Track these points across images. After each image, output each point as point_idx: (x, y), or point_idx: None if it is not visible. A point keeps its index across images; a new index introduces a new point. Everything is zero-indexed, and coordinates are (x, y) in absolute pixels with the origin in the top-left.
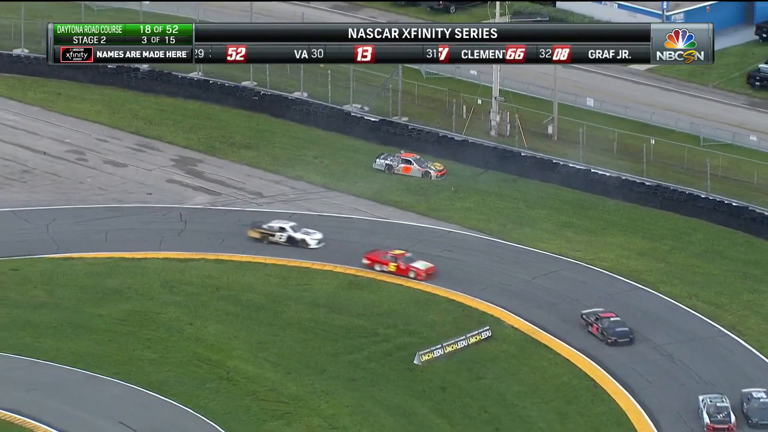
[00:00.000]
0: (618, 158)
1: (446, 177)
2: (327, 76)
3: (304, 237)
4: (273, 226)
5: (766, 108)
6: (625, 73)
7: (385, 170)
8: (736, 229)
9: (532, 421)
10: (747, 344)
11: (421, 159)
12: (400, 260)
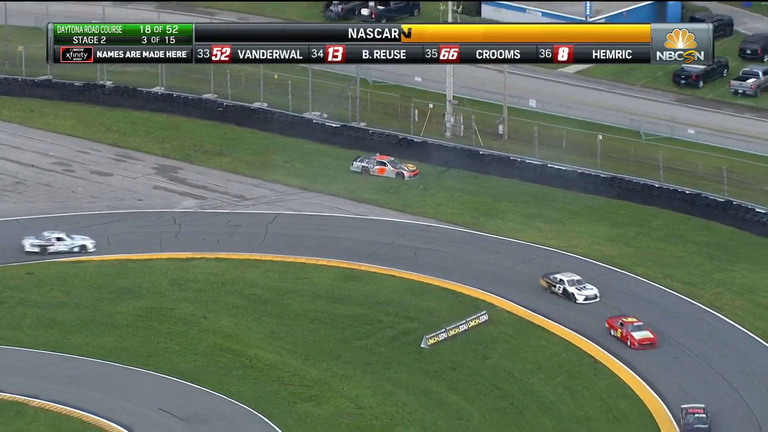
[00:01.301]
0: (568, 153)
1: (416, 177)
2: (287, 86)
3: (574, 291)
4: (556, 277)
5: (695, 104)
6: (557, 75)
7: (361, 172)
8: (693, 215)
9: (542, 395)
10: (727, 319)
11: (395, 161)
12: (625, 327)
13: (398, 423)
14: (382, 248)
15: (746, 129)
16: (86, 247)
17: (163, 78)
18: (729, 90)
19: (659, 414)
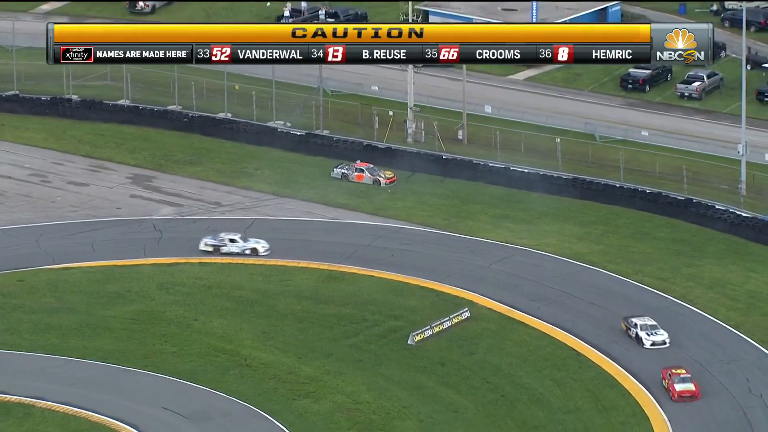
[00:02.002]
0: (528, 157)
1: (393, 184)
2: (248, 96)
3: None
4: (631, 321)
5: (643, 107)
6: (507, 82)
7: (341, 178)
8: (655, 213)
9: (532, 388)
10: (701, 311)
11: (373, 168)
12: (672, 378)
13: (395, 417)
14: (359, 250)
15: (697, 130)
16: (257, 250)
17: (129, 91)
18: (675, 93)
19: (645, 402)
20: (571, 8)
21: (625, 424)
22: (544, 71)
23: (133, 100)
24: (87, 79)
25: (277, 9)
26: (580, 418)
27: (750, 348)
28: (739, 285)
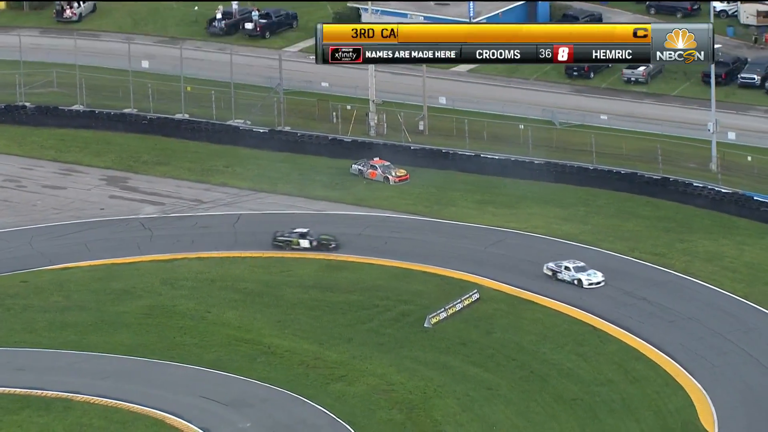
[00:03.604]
0: (493, 144)
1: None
2: (204, 97)
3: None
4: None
5: (591, 93)
6: (452, 74)
7: (358, 174)
8: (633, 192)
9: (558, 363)
10: (706, 284)
11: (387, 166)
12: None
13: (432, 396)
14: (352, 239)
15: (651, 113)
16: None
17: (83, 96)
18: (621, 78)
19: (675, 372)
20: (502, 0)
21: (661, 394)
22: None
23: (88, 105)
24: (33, 86)
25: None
26: (614, 390)
27: (764, 316)
28: (736, 257)
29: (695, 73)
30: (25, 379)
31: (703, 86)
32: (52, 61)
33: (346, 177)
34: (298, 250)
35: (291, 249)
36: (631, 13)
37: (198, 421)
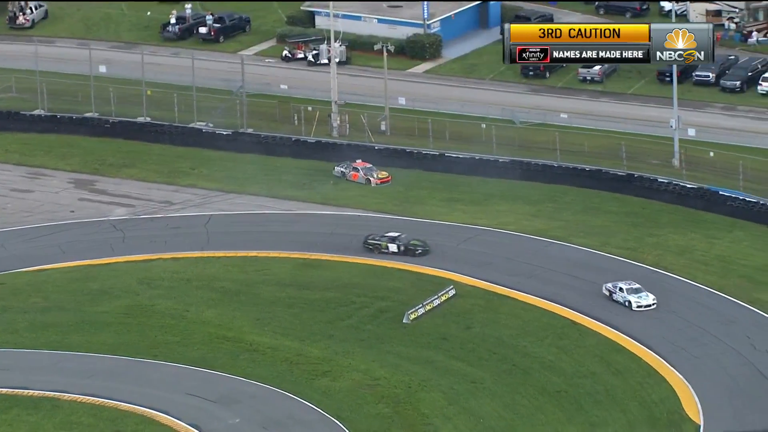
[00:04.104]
0: (456, 143)
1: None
2: (164, 100)
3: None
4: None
5: (548, 93)
6: (408, 75)
7: (341, 176)
8: (599, 189)
9: (540, 356)
10: (680, 277)
11: (369, 168)
12: None
13: (418, 390)
14: (324, 238)
15: (609, 111)
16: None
17: (44, 101)
18: (577, 77)
19: (656, 364)
20: (454, 2)
21: (644, 385)
22: (439, 64)
23: (49, 109)
24: None
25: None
26: (597, 382)
27: (740, 308)
28: (706, 251)
29: (650, 71)
30: (10, 379)
31: (658, 84)
32: (8, 67)
33: (313, 177)
34: (386, 253)
35: (380, 252)
36: (580, 13)
37: (187, 417)
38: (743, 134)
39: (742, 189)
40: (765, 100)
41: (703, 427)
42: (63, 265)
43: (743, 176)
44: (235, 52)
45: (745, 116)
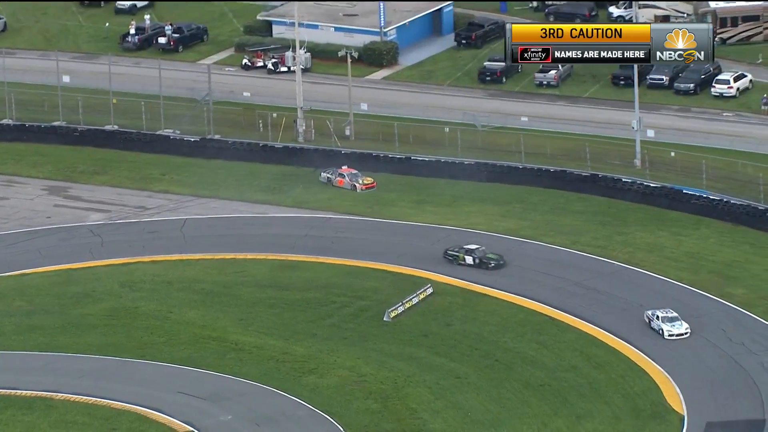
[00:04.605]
0: (420, 147)
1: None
2: (136, 108)
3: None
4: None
5: (506, 97)
6: (366, 82)
7: (327, 182)
8: (564, 189)
9: (521, 351)
10: (652, 273)
11: (354, 174)
12: None
13: (404, 385)
14: (299, 240)
15: (568, 114)
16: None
17: (13, 110)
18: (534, 82)
19: (636, 358)
20: (408, 10)
21: (626, 378)
22: (397, 71)
23: (17, 119)
24: None
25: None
26: (580, 375)
27: (713, 302)
28: (675, 247)
29: (604, 75)
30: (2, 381)
31: (613, 88)
32: None
33: (283, 181)
34: (463, 265)
35: (458, 264)
36: (530, 20)
37: (179, 415)
38: (699, 135)
39: (705, 187)
40: (718, 102)
41: (687, 418)
42: (44, 270)
43: (705, 175)
44: (194, 61)
45: (699, 117)
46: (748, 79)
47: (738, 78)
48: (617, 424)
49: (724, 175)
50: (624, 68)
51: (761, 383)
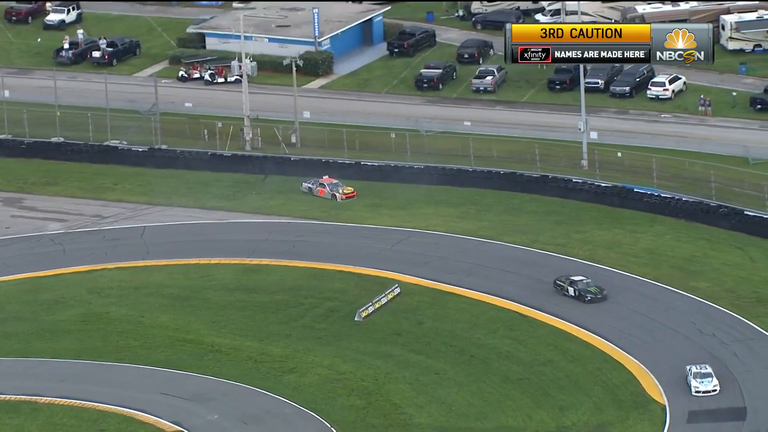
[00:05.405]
0: (368, 152)
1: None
2: (81, 120)
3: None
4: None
5: (443, 103)
6: (303, 91)
7: (308, 192)
8: (515, 191)
9: (496, 347)
10: (615, 269)
11: (335, 184)
12: None
13: (385, 382)
14: (260, 245)
15: (508, 118)
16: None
17: None
18: (471, 88)
19: (609, 350)
20: (340, 21)
21: (603, 370)
22: (333, 80)
23: None
24: None
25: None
26: (557, 369)
27: (679, 296)
28: (633, 244)
29: (538, 81)
30: None
31: (549, 93)
32: None
33: (236, 188)
34: (567, 296)
35: (563, 295)
36: (458, 29)
37: (166, 415)
38: (641, 136)
39: (656, 186)
40: (654, 104)
41: (668, 407)
42: (11, 278)
43: (656, 174)
44: (130, 74)
45: (638, 119)
46: (683, 81)
47: (673, 80)
48: (600, 414)
49: (673, 174)
50: (559, 73)
51: (737, 373)
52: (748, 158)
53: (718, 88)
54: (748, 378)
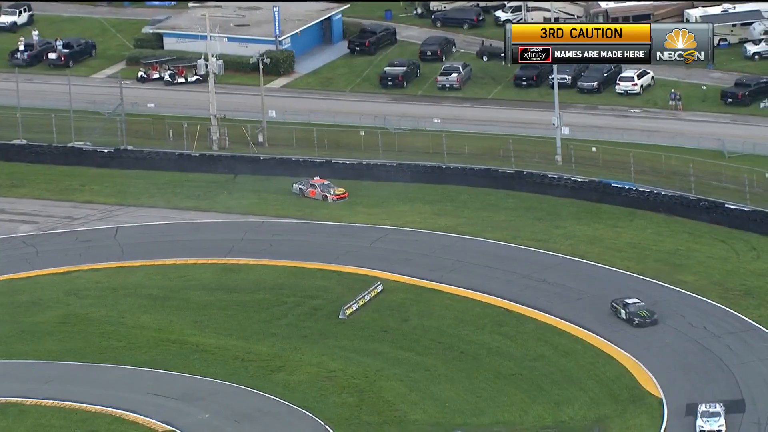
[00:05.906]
0: (338, 151)
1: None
2: (44, 122)
3: None
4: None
5: (409, 101)
6: (267, 90)
7: (299, 193)
8: (491, 187)
9: (485, 343)
10: (599, 264)
11: (325, 185)
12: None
13: (376, 379)
14: (237, 244)
15: (476, 115)
16: None
17: None
18: (437, 85)
19: (600, 344)
20: (299, 19)
21: (595, 364)
22: (295, 78)
23: None
24: None
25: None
26: (549, 363)
27: (667, 290)
28: (615, 239)
29: (504, 77)
30: None
31: (516, 89)
32: None
33: (206, 188)
34: (620, 318)
35: (617, 317)
36: (417, 27)
37: (156, 415)
38: (613, 131)
39: (633, 180)
40: (623, 99)
41: (665, 400)
42: None
43: (633, 168)
44: (87, 75)
45: (608, 114)
46: (650, 76)
47: (641, 75)
48: (597, 408)
49: (650, 168)
50: (525, 69)
51: (732, 365)
52: (723, 152)
53: (686, 83)
54: (744, 370)
